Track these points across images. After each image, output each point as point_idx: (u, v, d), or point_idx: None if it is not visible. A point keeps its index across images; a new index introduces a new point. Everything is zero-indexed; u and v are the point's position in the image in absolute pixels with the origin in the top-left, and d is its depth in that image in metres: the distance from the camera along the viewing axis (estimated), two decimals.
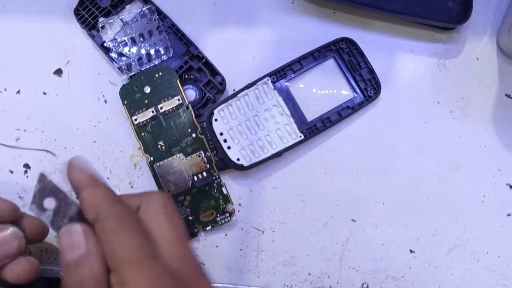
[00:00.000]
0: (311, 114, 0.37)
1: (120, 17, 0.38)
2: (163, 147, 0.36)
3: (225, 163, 0.36)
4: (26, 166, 0.39)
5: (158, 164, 0.36)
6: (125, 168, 0.38)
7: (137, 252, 0.21)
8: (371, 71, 0.37)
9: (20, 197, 0.39)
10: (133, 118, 0.37)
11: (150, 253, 0.22)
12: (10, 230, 0.27)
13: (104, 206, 0.22)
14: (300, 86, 0.38)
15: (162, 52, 0.38)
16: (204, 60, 0.38)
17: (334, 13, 0.39)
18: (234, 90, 0.38)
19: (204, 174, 0.36)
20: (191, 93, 0.37)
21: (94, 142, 0.39)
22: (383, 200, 0.37)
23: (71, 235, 0.22)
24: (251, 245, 0.37)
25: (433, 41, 0.39)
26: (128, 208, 0.23)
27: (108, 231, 0.22)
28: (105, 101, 0.39)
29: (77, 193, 0.23)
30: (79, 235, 0.22)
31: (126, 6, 0.39)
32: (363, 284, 0.37)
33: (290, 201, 0.38)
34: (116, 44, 0.38)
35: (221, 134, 0.36)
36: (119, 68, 0.38)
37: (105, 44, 0.38)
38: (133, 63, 0.38)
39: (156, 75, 0.37)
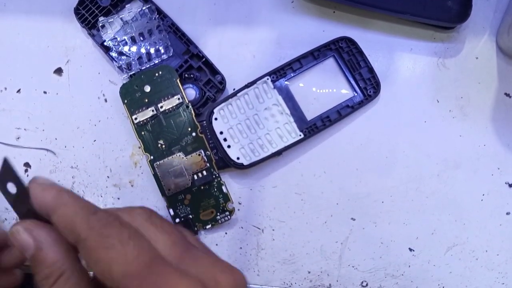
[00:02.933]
0: (311, 113, 0.37)
1: (120, 16, 0.38)
2: (163, 146, 0.37)
3: (225, 162, 0.36)
4: (27, 165, 0.39)
5: (158, 163, 0.36)
6: (125, 167, 0.38)
7: (138, 260, 0.18)
8: (371, 70, 0.37)
9: None
10: (133, 117, 0.37)
11: (154, 256, 0.19)
12: None
13: (80, 224, 0.19)
14: (300, 85, 0.38)
15: (162, 51, 0.38)
16: (204, 59, 0.38)
17: (334, 12, 0.39)
18: (234, 89, 0.38)
19: (204, 173, 0.36)
20: (191, 92, 0.37)
21: (94, 141, 0.39)
22: (383, 198, 0.37)
23: (16, 237, 0.20)
24: (251, 244, 0.38)
25: (433, 40, 0.39)
26: (111, 214, 0.20)
27: (94, 251, 0.18)
28: (105, 100, 0.39)
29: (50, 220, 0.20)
30: (23, 235, 0.20)
31: (126, 5, 0.39)
32: (362, 282, 0.37)
33: (290, 200, 0.38)
34: (116, 43, 0.38)
35: (221, 133, 0.36)
36: (119, 67, 0.38)
37: (105, 43, 0.38)
38: (133, 62, 0.38)
39: (156, 74, 0.37)
